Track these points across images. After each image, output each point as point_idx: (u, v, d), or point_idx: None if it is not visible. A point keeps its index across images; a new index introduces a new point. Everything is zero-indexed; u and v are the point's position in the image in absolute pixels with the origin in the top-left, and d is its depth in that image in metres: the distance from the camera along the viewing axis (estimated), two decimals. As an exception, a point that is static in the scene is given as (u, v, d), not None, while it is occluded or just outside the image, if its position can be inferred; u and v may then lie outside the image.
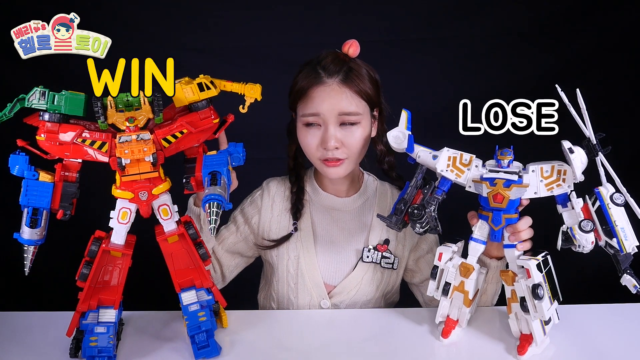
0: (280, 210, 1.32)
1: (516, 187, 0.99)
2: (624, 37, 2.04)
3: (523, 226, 1.04)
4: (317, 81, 1.18)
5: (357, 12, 2.02)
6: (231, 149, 1.07)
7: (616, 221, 0.95)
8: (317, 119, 1.18)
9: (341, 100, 1.16)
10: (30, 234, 0.99)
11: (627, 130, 2.10)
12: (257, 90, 1.07)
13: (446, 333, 1.10)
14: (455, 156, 1.06)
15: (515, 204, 1.03)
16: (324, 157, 1.19)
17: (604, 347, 1.07)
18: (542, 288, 0.99)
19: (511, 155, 1.02)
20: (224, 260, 1.33)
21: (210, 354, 1.03)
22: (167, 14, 2.01)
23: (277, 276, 1.32)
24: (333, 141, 1.16)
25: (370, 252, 1.27)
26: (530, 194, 1.02)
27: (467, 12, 2.05)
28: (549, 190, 1.01)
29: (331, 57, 1.19)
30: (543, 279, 1.01)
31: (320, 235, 1.31)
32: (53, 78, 1.82)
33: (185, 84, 1.01)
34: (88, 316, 1.02)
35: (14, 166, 0.97)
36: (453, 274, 1.08)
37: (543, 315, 1.00)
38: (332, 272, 1.30)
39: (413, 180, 1.09)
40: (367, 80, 1.20)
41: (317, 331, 1.16)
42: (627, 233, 0.95)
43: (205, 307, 1.05)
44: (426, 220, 1.05)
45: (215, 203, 0.94)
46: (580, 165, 0.97)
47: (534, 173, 1.01)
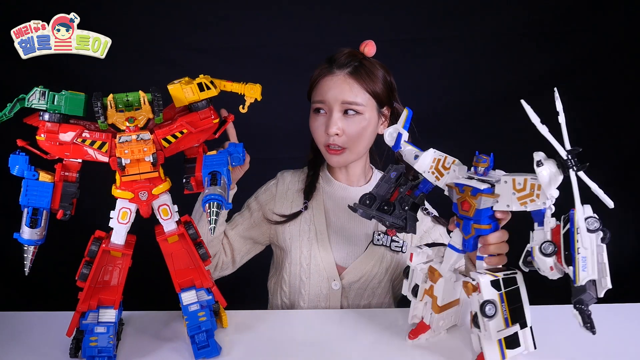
0: (294, 198, 1.39)
1: (484, 196, 0.94)
2: (624, 38, 2.04)
3: (492, 240, 0.98)
4: (327, 72, 1.27)
5: (358, 12, 2.02)
6: (231, 149, 1.07)
7: (579, 248, 0.83)
8: (324, 105, 1.27)
9: (346, 90, 1.24)
10: (30, 234, 0.99)
11: (626, 130, 2.10)
12: (257, 90, 1.07)
13: (413, 334, 1.08)
14: (439, 158, 1.03)
15: (485, 214, 0.96)
16: (327, 142, 1.27)
17: (603, 347, 1.07)
18: (494, 307, 0.93)
19: (487, 162, 0.96)
20: (236, 245, 1.37)
21: (210, 354, 1.03)
22: (167, 14, 2.01)
23: (290, 258, 1.35)
24: (335, 127, 1.24)
25: (381, 236, 1.33)
26: (503, 206, 0.94)
27: (467, 12, 2.05)
28: (523, 204, 0.91)
29: (347, 53, 1.28)
30: (500, 297, 0.94)
31: (332, 220, 1.36)
32: (53, 78, 1.83)
33: (185, 84, 1.00)
34: (88, 316, 1.02)
35: (14, 166, 0.97)
36: (421, 276, 1.07)
37: (490, 335, 0.94)
38: (344, 254, 1.35)
39: (384, 175, 1.10)
40: (379, 79, 1.27)
41: (317, 331, 1.16)
42: (587, 264, 0.83)
43: (206, 307, 1.05)
44: (395, 217, 1.06)
45: (215, 203, 0.94)
46: (547, 181, 0.86)
47: (506, 184, 0.92)
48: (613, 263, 0.97)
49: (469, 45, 2.07)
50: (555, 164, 0.86)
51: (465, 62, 2.09)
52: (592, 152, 0.90)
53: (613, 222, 0.91)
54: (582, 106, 1.99)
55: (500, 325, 0.94)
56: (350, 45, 1.30)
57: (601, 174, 0.90)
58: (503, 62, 2.07)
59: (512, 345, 0.97)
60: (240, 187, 1.29)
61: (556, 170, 0.86)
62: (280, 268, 1.40)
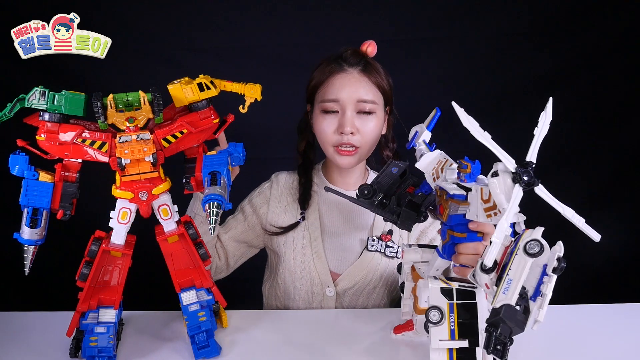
0: (288, 202, 1.36)
1: (453, 202, 0.90)
2: (624, 38, 2.04)
3: (462, 249, 0.94)
4: (338, 69, 1.25)
5: (358, 12, 2.02)
6: (231, 149, 1.07)
7: (511, 270, 0.77)
8: (336, 105, 1.24)
9: (360, 88, 1.23)
10: (30, 234, 0.99)
11: (626, 130, 2.10)
12: (257, 90, 1.07)
13: (397, 329, 1.10)
14: (443, 161, 1.01)
15: (457, 220, 0.92)
16: (339, 142, 1.24)
17: (603, 347, 1.07)
18: (440, 314, 0.90)
19: (467, 168, 0.88)
20: (230, 249, 1.36)
21: (210, 354, 1.03)
22: (167, 14, 2.01)
23: (283, 264, 1.34)
24: (349, 126, 1.22)
25: (375, 242, 1.31)
26: (473, 216, 0.89)
27: (467, 12, 2.05)
28: (488, 217, 0.85)
29: (351, 51, 1.27)
30: (450, 307, 0.90)
31: (327, 225, 1.35)
32: (53, 78, 1.82)
33: (185, 84, 1.00)
34: (88, 316, 1.02)
35: (14, 166, 0.97)
36: (405, 274, 1.09)
37: (430, 342, 0.91)
38: (338, 260, 1.33)
39: (384, 167, 1.07)
40: (384, 77, 1.27)
41: (317, 331, 1.16)
42: (510, 287, 0.76)
43: (206, 307, 1.05)
44: (388, 211, 1.02)
45: (215, 203, 0.95)
46: (497, 192, 0.79)
47: (476, 193, 0.86)
48: (613, 263, 0.96)
49: (468, 45, 2.07)
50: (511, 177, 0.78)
51: (465, 62, 2.08)
52: (592, 152, 0.90)
53: (613, 222, 0.91)
54: (582, 106, 1.99)
55: (444, 335, 0.90)
56: (351, 45, 1.30)
57: (601, 174, 0.90)
58: (503, 62, 2.07)
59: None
60: (239, 187, 1.28)
61: (510, 183, 0.78)
62: (275, 273, 1.39)
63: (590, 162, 2.06)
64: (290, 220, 1.35)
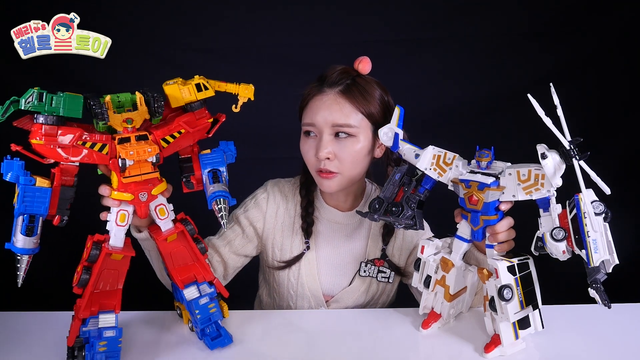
0: (283, 219, 1.32)
1: (490, 190, 0.98)
2: (624, 38, 2.04)
3: (501, 228, 1.01)
4: (316, 91, 1.19)
5: (358, 12, 2.02)
6: (224, 147, 1.07)
7: (589, 231, 0.89)
8: (313, 128, 1.18)
9: (336, 111, 1.15)
10: (26, 243, 0.94)
11: (626, 129, 2.10)
12: (250, 91, 1.06)
13: (425, 324, 1.13)
14: (439, 154, 1.06)
15: (493, 205, 1.00)
16: (318, 167, 1.19)
17: (603, 347, 1.07)
18: (511, 290, 0.99)
19: (489, 157, 1.00)
20: (230, 262, 1.32)
21: (224, 342, 1.05)
22: (167, 14, 2.02)
23: (277, 281, 1.34)
24: (325, 151, 1.16)
25: (367, 267, 1.30)
26: (509, 197, 0.98)
27: (467, 12, 2.05)
28: (528, 194, 0.96)
29: (339, 70, 1.19)
30: (516, 282, 0.99)
31: (321, 246, 1.33)
32: (53, 78, 1.83)
33: (181, 84, 1.00)
34: (88, 323, 0.99)
35: (7, 172, 0.91)
36: (433, 267, 1.11)
37: (508, 318, 0.99)
38: (331, 284, 1.33)
39: (389, 177, 1.11)
40: (375, 98, 1.18)
41: (317, 331, 1.16)
42: (597, 245, 0.89)
43: (214, 299, 1.07)
44: (404, 218, 1.07)
45: (222, 199, 1.00)
46: (552, 171, 0.92)
47: (510, 176, 0.98)
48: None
49: (468, 45, 2.07)
50: (558, 154, 0.92)
51: (465, 62, 2.09)
52: (591, 152, 0.91)
53: (613, 222, 0.92)
54: (582, 106, 1.99)
55: (516, 308, 1.00)
56: (351, 45, 1.29)
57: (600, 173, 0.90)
58: (503, 62, 2.08)
59: (523, 326, 1.03)
60: (238, 187, 1.28)
61: (559, 160, 0.92)
62: (269, 284, 1.39)
63: (590, 162, 2.06)
64: (294, 250, 1.31)
